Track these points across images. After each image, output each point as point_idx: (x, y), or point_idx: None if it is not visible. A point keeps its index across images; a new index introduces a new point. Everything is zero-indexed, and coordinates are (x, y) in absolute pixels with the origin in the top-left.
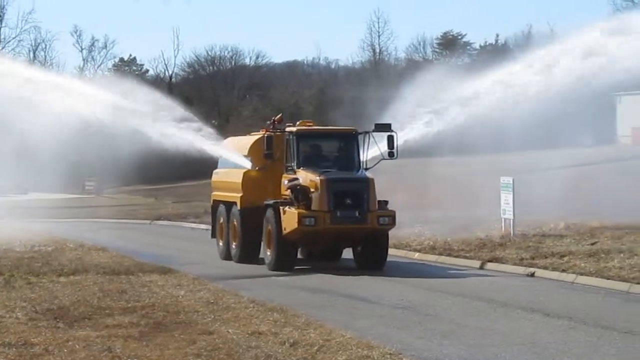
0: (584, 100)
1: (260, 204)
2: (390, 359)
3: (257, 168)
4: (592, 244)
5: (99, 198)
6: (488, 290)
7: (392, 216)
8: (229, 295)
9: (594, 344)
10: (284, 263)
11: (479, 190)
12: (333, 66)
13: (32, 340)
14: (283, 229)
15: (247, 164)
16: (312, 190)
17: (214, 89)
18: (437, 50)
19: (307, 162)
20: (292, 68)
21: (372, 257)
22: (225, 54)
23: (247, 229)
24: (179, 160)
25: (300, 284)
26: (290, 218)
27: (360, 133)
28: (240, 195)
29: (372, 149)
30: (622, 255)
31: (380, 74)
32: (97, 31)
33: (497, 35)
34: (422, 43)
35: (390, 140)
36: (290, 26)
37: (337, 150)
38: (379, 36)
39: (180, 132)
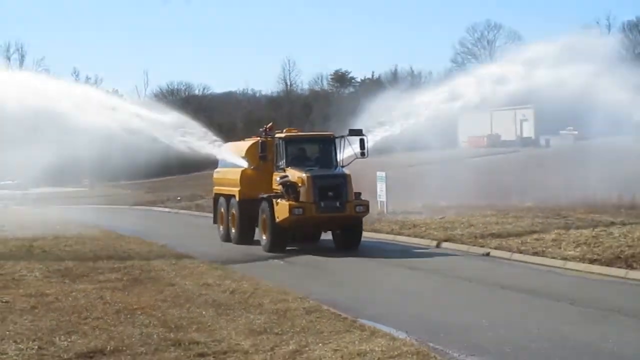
0: (437, 118)
1: (254, 197)
2: (301, 301)
3: (252, 167)
4: (441, 218)
5: (93, 190)
6: (368, 252)
7: (366, 205)
8: (186, 258)
9: (447, 289)
10: (278, 245)
11: (364, 180)
12: (257, 95)
13: (46, 291)
14: (276, 217)
15: (244, 164)
16: (299, 185)
17: None
18: (331, 83)
19: (294, 162)
20: (228, 96)
21: (349, 240)
22: (181, 87)
23: (244, 217)
24: (147, 161)
25: (235, 250)
26: (282, 208)
27: (337, 137)
28: (238, 189)
29: (347, 150)
30: (462, 225)
31: (290, 100)
32: (90, 71)
33: (373, 72)
34: (320, 78)
35: (362, 142)
36: (227, 65)
37: (318, 152)
38: (289, 73)
39: (194, 139)
